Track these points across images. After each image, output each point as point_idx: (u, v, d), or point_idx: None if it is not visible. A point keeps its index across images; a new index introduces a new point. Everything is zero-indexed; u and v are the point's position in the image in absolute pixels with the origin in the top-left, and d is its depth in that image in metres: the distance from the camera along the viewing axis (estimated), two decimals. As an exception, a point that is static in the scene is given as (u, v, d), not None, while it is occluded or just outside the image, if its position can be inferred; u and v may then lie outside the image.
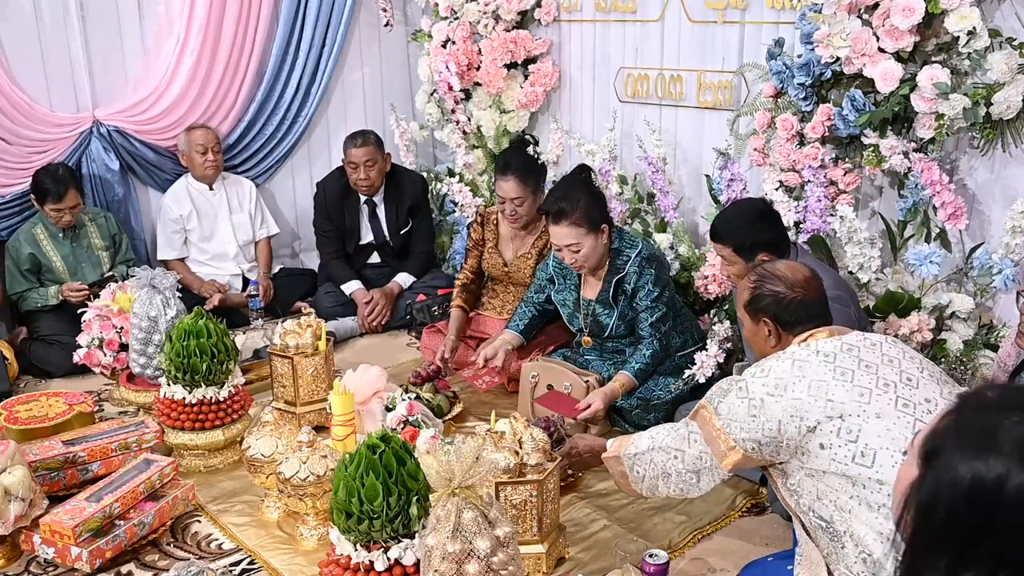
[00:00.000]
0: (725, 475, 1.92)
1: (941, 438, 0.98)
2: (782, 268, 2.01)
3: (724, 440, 1.85)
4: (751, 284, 2.02)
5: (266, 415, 2.63)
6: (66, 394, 3.06)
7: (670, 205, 3.53)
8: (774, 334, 1.99)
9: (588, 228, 2.94)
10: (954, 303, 2.77)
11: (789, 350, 1.88)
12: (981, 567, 0.91)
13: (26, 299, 3.79)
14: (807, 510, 1.78)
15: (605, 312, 3.09)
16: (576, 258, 2.98)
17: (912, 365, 1.83)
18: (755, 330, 2.03)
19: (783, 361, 1.84)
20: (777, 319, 1.97)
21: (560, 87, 4.23)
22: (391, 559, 1.85)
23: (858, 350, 1.83)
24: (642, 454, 2.06)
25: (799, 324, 1.94)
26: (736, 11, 3.37)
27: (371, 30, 4.74)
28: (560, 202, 2.93)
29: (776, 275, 1.99)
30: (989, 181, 2.81)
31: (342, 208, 4.26)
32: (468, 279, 3.74)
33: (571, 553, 2.35)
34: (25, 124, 3.85)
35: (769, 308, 1.97)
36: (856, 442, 1.69)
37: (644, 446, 2.06)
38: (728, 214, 2.69)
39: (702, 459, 1.91)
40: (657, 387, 3.04)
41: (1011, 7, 2.63)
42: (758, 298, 1.99)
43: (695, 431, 1.94)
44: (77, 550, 2.24)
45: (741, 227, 2.60)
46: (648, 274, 3.00)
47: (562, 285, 3.21)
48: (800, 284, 1.96)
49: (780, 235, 2.62)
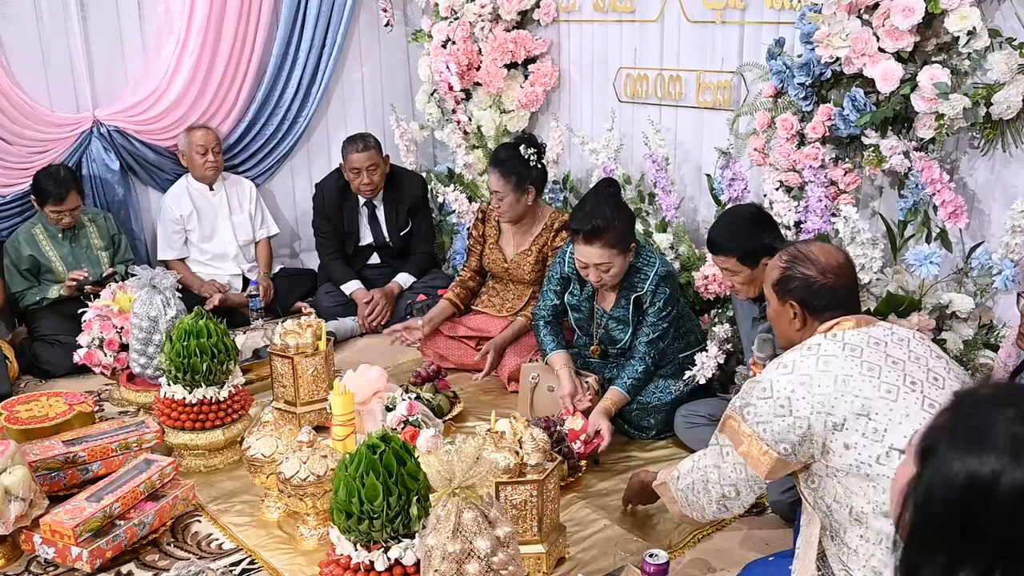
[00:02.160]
0: (763, 484, 1.85)
1: (937, 435, 0.99)
2: (816, 251, 1.92)
3: (756, 446, 1.78)
4: (782, 264, 1.93)
5: (266, 415, 2.63)
6: (66, 394, 3.06)
7: (671, 205, 3.53)
8: (800, 318, 1.91)
9: (620, 248, 2.84)
10: (954, 303, 2.77)
11: (813, 342, 1.81)
12: (977, 562, 0.91)
13: (25, 296, 3.79)
14: (826, 509, 1.75)
15: (620, 328, 3.03)
16: (604, 278, 2.88)
17: (939, 364, 1.78)
18: (781, 311, 1.95)
19: (807, 357, 1.77)
20: (804, 304, 1.89)
21: (560, 87, 4.23)
22: (391, 559, 1.86)
23: (885, 345, 1.77)
24: (685, 476, 2.02)
25: (827, 311, 1.87)
26: (735, 11, 3.36)
27: (371, 30, 4.74)
28: (594, 220, 2.79)
29: (809, 258, 1.90)
30: (989, 181, 2.81)
31: (341, 210, 4.26)
32: (467, 276, 3.74)
33: (571, 553, 2.35)
34: (25, 124, 3.85)
35: (798, 291, 1.89)
36: (881, 442, 1.65)
37: (686, 468, 2.02)
38: (724, 225, 2.67)
39: (737, 471, 1.84)
40: (658, 389, 3.03)
41: (1011, 7, 2.63)
42: (787, 280, 1.91)
43: (726, 443, 1.86)
44: (77, 550, 2.24)
45: (741, 236, 2.59)
46: (662, 293, 2.93)
47: (577, 291, 3.11)
48: (832, 270, 1.88)
49: (778, 237, 2.63)
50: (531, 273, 3.55)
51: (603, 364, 3.15)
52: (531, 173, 3.44)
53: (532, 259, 3.55)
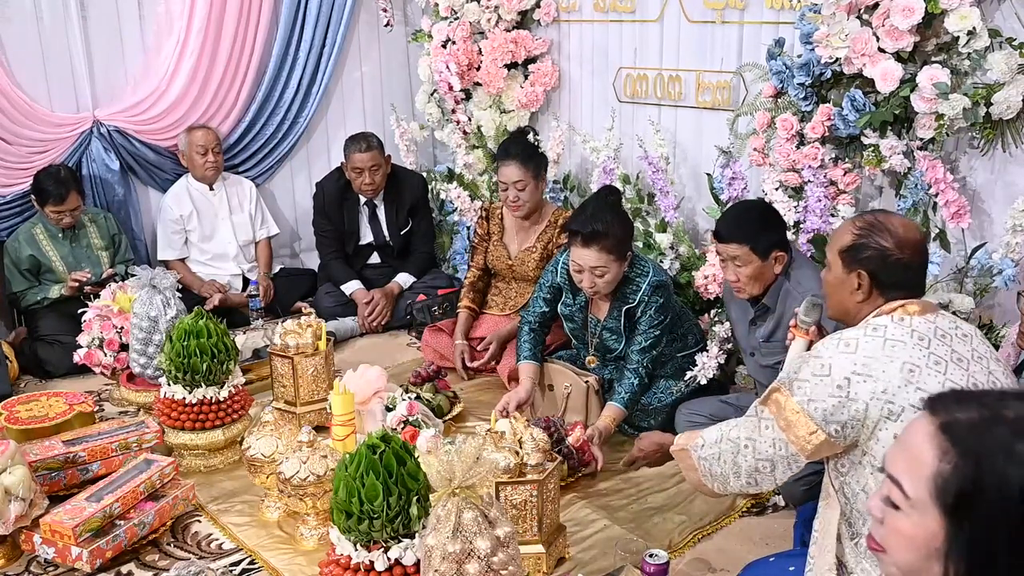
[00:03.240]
0: (802, 463, 1.76)
1: (966, 482, 0.97)
2: (896, 223, 1.80)
3: (804, 424, 1.69)
4: (857, 230, 1.81)
5: (266, 415, 2.63)
6: (66, 394, 3.06)
7: (670, 205, 3.53)
8: (864, 289, 1.79)
9: (617, 255, 2.84)
10: (954, 303, 2.77)
11: (879, 323, 1.70)
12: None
13: (25, 296, 3.79)
14: (851, 497, 1.71)
15: (614, 338, 3.03)
16: (597, 283, 2.87)
17: (999, 368, 1.71)
18: (844, 278, 1.83)
19: (872, 338, 1.67)
20: (875, 276, 1.78)
21: (560, 87, 4.23)
22: (391, 559, 1.86)
23: (951, 339, 1.69)
24: (710, 445, 1.93)
25: (894, 288, 1.77)
26: (735, 11, 3.37)
27: (371, 30, 4.74)
28: (594, 224, 2.79)
29: (888, 228, 1.78)
30: (989, 181, 2.81)
31: (341, 209, 4.26)
32: (476, 277, 3.75)
33: (571, 553, 2.35)
34: (25, 124, 3.85)
35: (871, 262, 1.77)
36: None
37: (712, 438, 1.93)
38: (736, 214, 2.66)
39: (776, 447, 1.75)
40: (659, 390, 3.03)
41: (1011, 7, 2.63)
42: (860, 248, 1.79)
43: (767, 417, 1.78)
44: (77, 550, 2.24)
45: (754, 226, 2.58)
46: (654, 302, 2.91)
47: (570, 300, 3.11)
48: (910, 245, 1.77)
49: (785, 234, 2.63)
50: (535, 270, 3.55)
51: (602, 367, 3.16)
52: (544, 161, 3.52)
53: (537, 256, 3.56)
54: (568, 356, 3.27)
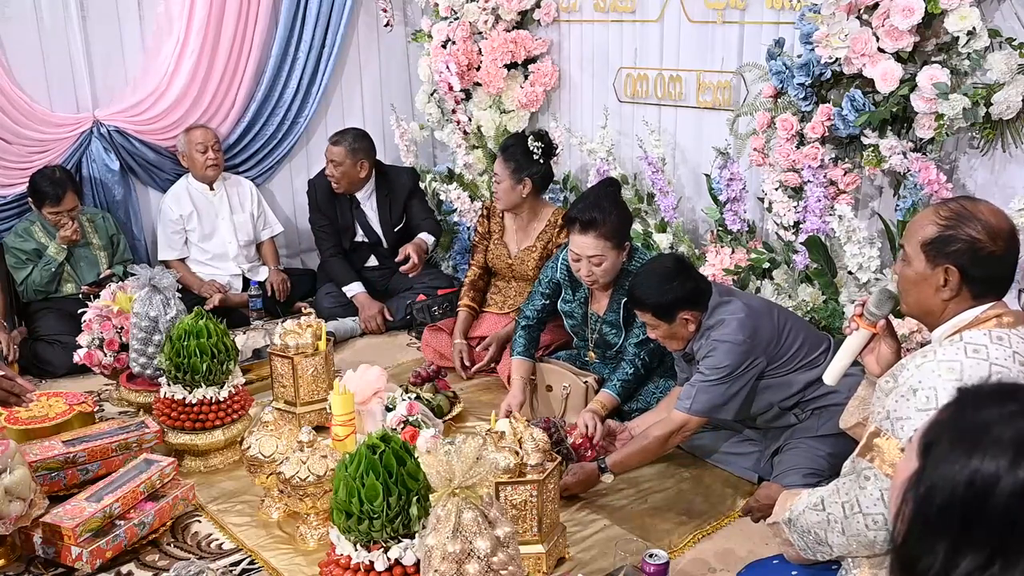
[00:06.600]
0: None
1: (939, 431, 0.99)
2: (985, 210, 1.61)
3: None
4: (943, 220, 1.63)
5: (266, 415, 2.63)
6: (66, 394, 3.06)
7: (670, 205, 3.53)
8: (952, 286, 1.62)
9: (614, 243, 2.87)
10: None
11: (978, 342, 1.54)
12: (977, 555, 0.91)
13: (32, 276, 3.78)
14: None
15: (614, 332, 3.05)
16: (595, 272, 2.90)
17: None
18: (927, 274, 1.65)
19: (978, 363, 1.52)
20: (965, 271, 1.60)
21: (560, 87, 4.23)
22: (391, 559, 1.86)
23: None
24: (798, 516, 1.73)
25: (985, 284, 1.61)
26: (735, 11, 3.37)
27: (371, 30, 4.74)
28: (591, 212, 2.84)
29: (977, 216, 1.60)
30: (989, 181, 2.81)
31: (333, 204, 4.27)
32: (476, 275, 3.75)
33: (571, 553, 2.35)
34: (25, 124, 3.85)
35: (961, 255, 1.59)
36: None
37: (800, 507, 1.73)
38: (642, 279, 2.60)
39: (886, 499, 1.56)
40: (657, 390, 3.02)
41: (1011, 7, 2.63)
42: (949, 240, 1.61)
43: (867, 468, 1.59)
44: (77, 550, 2.24)
45: (655, 290, 2.53)
46: None
47: (569, 297, 3.13)
48: (1002, 236, 1.59)
49: (697, 285, 2.56)
50: (535, 270, 3.56)
51: (602, 365, 3.16)
52: (531, 166, 3.49)
53: (536, 255, 3.57)
54: (567, 356, 3.28)
